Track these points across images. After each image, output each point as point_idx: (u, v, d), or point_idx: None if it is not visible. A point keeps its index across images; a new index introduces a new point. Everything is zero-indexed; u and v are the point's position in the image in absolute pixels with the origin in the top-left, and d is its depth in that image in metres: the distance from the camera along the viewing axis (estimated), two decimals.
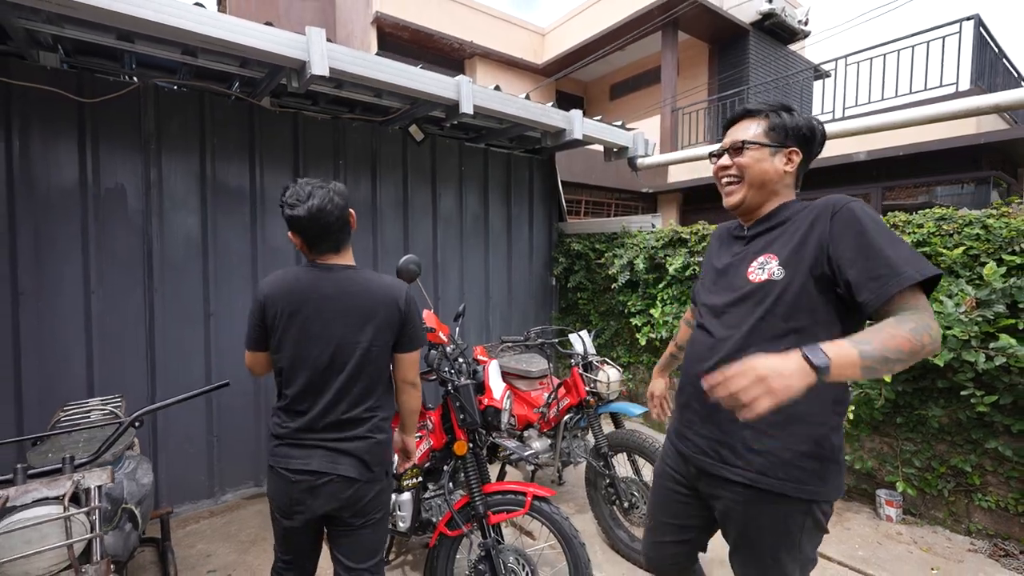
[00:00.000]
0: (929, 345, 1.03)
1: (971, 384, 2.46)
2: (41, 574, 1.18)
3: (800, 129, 1.31)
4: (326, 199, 1.45)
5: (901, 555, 2.59)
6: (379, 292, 1.52)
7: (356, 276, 1.55)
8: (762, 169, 1.31)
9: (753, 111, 1.37)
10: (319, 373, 1.47)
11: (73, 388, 2.76)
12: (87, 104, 2.81)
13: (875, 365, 0.99)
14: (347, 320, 1.48)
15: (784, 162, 1.31)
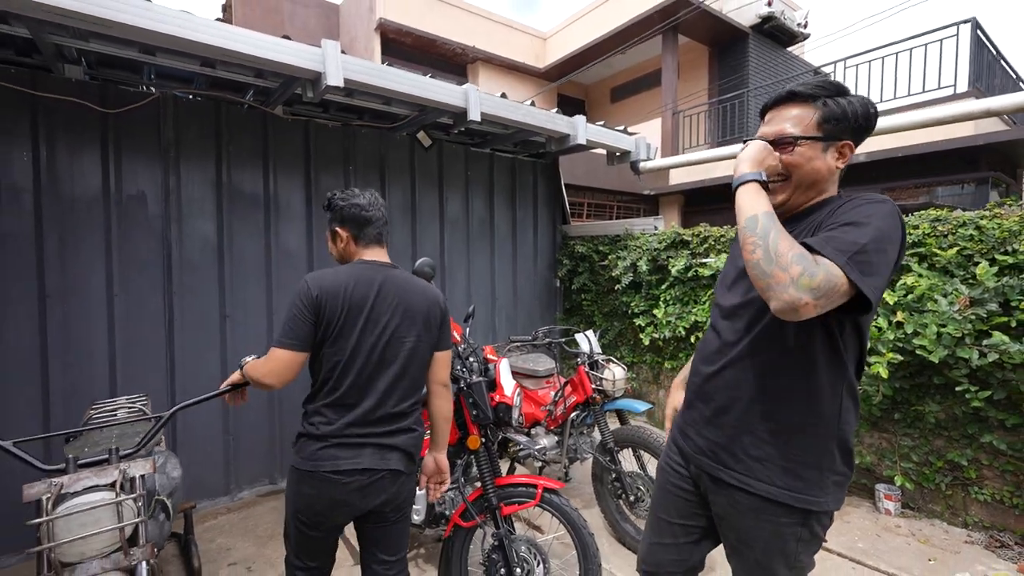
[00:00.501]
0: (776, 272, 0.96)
1: (965, 380, 2.55)
2: (94, 555, 1.28)
3: (857, 118, 1.13)
4: (374, 195, 1.68)
5: (899, 547, 2.67)
6: (428, 292, 1.64)
7: (407, 275, 1.66)
8: (814, 168, 1.14)
9: (804, 94, 1.17)
10: (373, 366, 1.50)
11: (97, 387, 2.86)
12: (110, 114, 2.92)
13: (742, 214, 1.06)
14: (404, 316, 1.55)
15: (836, 157, 1.15)
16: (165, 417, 1.58)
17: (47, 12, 2.02)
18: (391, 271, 1.61)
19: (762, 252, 0.98)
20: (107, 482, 1.34)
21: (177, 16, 2.26)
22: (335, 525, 1.54)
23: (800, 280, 0.94)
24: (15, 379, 2.67)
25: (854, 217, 1.04)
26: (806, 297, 0.94)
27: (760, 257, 0.98)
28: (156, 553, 1.43)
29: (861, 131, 1.15)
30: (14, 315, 2.68)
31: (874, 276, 0.98)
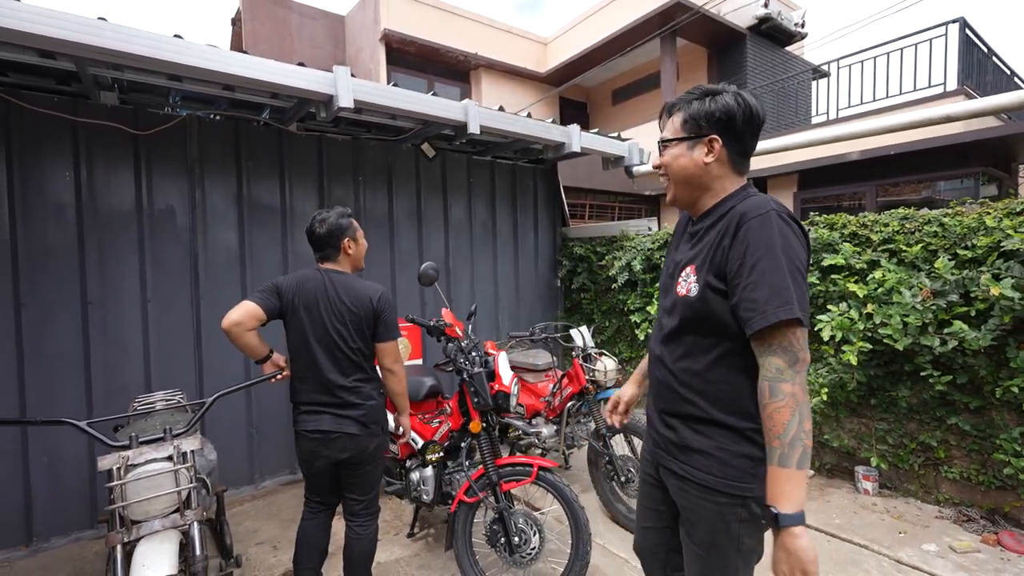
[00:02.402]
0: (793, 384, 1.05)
1: (929, 366, 2.75)
2: (156, 514, 1.54)
3: (713, 114, 1.20)
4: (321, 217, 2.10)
5: (873, 522, 2.88)
6: (359, 294, 2.01)
7: (344, 280, 2.05)
8: (680, 165, 1.26)
9: (672, 104, 1.30)
10: (315, 349, 1.99)
11: (133, 383, 3.15)
12: (141, 136, 3.21)
13: (802, 457, 1.03)
14: (336, 310, 1.99)
15: (705, 152, 1.23)
16: (208, 402, 1.85)
17: (96, 52, 2.30)
18: (336, 275, 2.06)
19: (797, 419, 1.05)
20: (164, 455, 1.60)
21: (204, 50, 2.53)
22: (320, 468, 2.06)
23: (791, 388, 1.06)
24: (62, 376, 2.97)
25: (740, 262, 1.11)
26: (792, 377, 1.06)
27: (804, 412, 1.06)
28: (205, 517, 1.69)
29: (728, 125, 1.21)
30: (60, 319, 2.97)
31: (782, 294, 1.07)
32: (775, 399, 1.05)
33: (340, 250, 2.10)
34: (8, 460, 2.82)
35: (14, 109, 2.86)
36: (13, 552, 2.83)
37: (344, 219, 2.11)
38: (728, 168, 1.25)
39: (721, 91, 1.23)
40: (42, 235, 2.94)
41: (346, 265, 2.14)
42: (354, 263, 2.17)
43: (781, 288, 1.06)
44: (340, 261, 2.12)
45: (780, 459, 1.03)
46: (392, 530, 3.01)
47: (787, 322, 1.05)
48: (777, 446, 1.04)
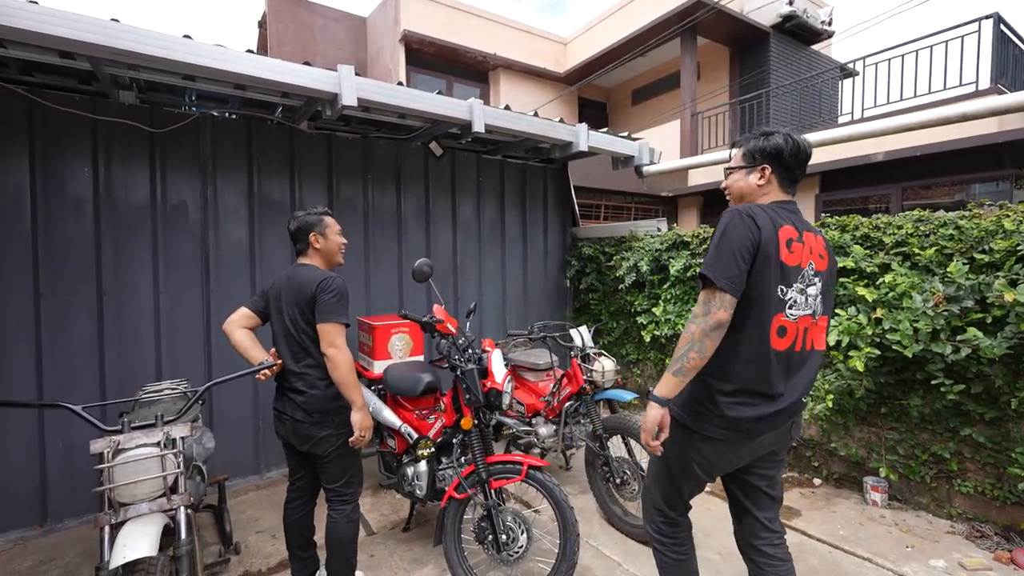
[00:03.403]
0: (697, 328, 1.47)
1: (941, 374, 2.64)
2: (143, 497, 1.59)
3: (766, 150, 1.61)
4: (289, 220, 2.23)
5: (880, 535, 2.77)
6: (305, 280, 2.07)
7: (301, 271, 2.13)
8: (739, 187, 1.69)
9: (736, 142, 1.75)
10: (278, 334, 2.17)
11: (145, 372, 3.25)
12: (156, 133, 3.32)
13: (676, 367, 1.50)
14: (287, 298, 2.11)
15: (758, 177, 1.63)
16: (200, 391, 1.89)
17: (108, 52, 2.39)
18: (299, 268, 2.16)
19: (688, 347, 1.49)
20: (154, 441, 1.65)
21: (212, 49, 2.61)
22: (287, 447, 2.22)
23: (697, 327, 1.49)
24: (78, 363, 3.09)
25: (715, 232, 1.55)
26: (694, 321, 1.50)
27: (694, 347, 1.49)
28: (192, 502, 1.73)
29: (775, 157, 1.61)
30: (78, 309, 3.09)
31: (707, 264, 1.49)
32: (684, 332, 1.51)
33: (308, 244, 2.18)
34: (25, 444, 2.95)
35: (37, 108, 2.99)
36: (28, 531, 2.96)
37: (312, 216, 2.19)
38: (777, 188, 1.64)
39: (775, 132, 1.62)
40: (61, 229, 3.06)
41: (316, 259, 2.21)
42: (325, 257, 2.23)
43: (708, 256, 1.51)
44: (310, 255, 2.20)
45: (669, 366, 1.53)
46: (389, 524, 3.04)
47: (704, 279, 1.49)
48: (673, 358, 1.52)
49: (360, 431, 2.07)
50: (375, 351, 3.23)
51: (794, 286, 1.51)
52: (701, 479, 1.69)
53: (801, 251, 1.52)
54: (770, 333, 1.49)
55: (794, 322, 1.52)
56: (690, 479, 1.70)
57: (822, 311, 1.61)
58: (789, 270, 1.49)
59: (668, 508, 1.78)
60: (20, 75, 2.96)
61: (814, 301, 1.57)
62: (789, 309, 1.51)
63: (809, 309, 1.55)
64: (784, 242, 1.49)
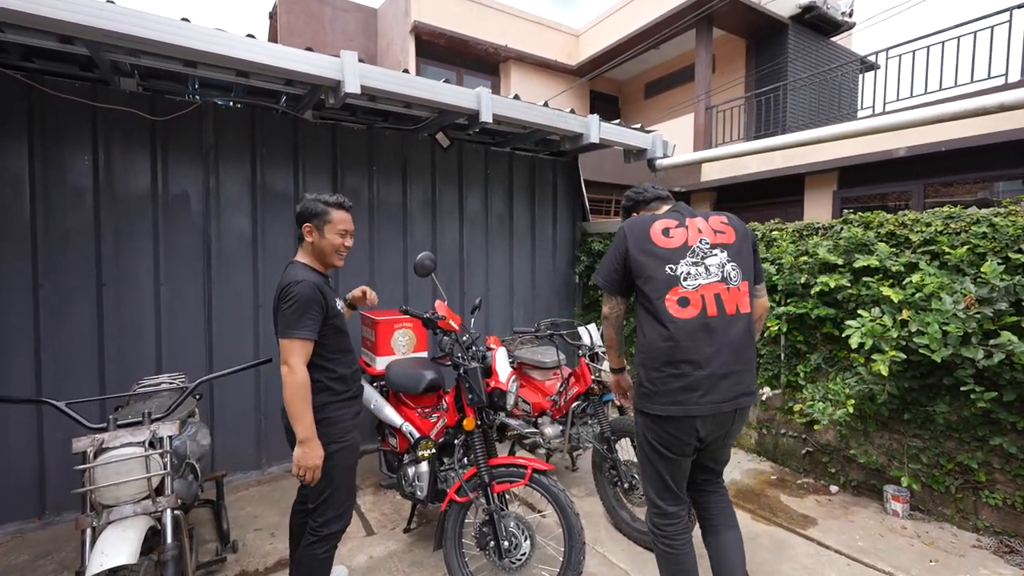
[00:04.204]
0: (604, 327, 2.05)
1: (971, 380, 2.49)
2: (127, 499, 1.51)
3: (626, 208, 2.21)
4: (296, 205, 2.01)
5: (901, 547, 2.64)
6: (280, 283, 1.83)
7: (286, 269, 1.90)
8: None
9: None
10: None
11: (144, 365, 3.20)
12: (158, 121, 3.25)
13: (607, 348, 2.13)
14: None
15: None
16: (190, 387, 1.82)
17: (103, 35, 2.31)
18: (287, 266, 1.92)
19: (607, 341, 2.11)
20: (139, 440, 1.58)
21: (211, 34, 2.52)
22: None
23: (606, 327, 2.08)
24: (77, 356, 3.04)
25: None
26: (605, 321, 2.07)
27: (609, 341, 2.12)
28: (181, 504, 1.66)
29: (634, 205, 2.16)
30: (77, 300, 3.04)
31: (599, 274, 1.98)
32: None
33: (301, 236, 1.93)
34: (24, 436, 2.92)
35: (36, 94, 2.94)
36: (26, 524, 2.92)
37: (317, 203, 1.91)
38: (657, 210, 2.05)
39: (629, 195, 2.19)
40: (61, 218, 3.01)
41: (306, 256, 1.94)
42: (316, 255, 1.94)
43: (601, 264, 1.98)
44: (302, 249, 1.95)
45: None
46: (390, 524, 2.97)
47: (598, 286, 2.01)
48: None
49: (298, 468, 1.72)
50: (378, 346, 3.15)
51: (681, 262, 1.75)
52: (668, 457, 1.82)
53: (683, 234, 1.79)
54: (667, 306, 1.72)
55: (695, 291, 1.73)
56: (660, 458, 1.84)
57: (741, 277, 1.79)
58: (671, 252, 1.76)
59: (658, 499, 1.91)
60: (21, 61, 2.90)
61: (720, 269, 1.76)
62: (684, 281, 1.74)
63: (715, 277, 1.75)
64: (659, 232, 1.80)
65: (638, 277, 1.79)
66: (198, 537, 2.78)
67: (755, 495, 3.26)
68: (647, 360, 1.78)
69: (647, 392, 1.78)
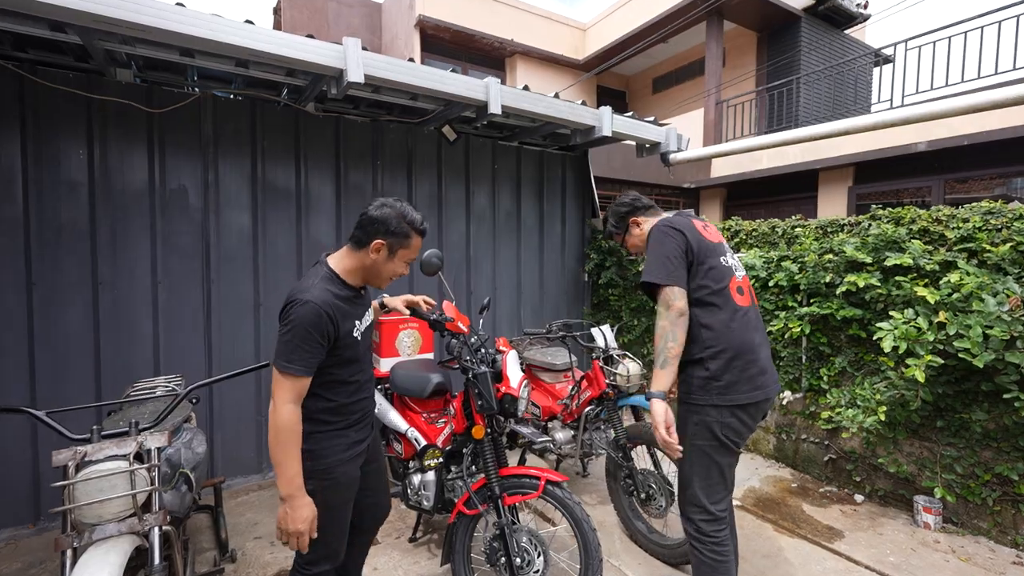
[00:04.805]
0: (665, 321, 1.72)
1: (1015, 387, 2.33)
2: (110, 518, 1.39)
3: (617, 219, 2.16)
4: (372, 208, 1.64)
5: (936, 563, 2.49)
6: (289, 294, 1.48)
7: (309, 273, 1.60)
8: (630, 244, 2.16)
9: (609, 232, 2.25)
10: None
11: (141, 366, 3.09)
12: (155, 114, 3.13)
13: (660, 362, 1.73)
14: None
15: (635, 228, 2.11)
16: (181, 395, 1.70)
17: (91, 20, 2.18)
18: (313, 267, 1.62)
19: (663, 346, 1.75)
20: (125, 452, 1.46)
21: (208, 20, 2.39)
22: None
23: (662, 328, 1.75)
24: (72, 356, 2.93)
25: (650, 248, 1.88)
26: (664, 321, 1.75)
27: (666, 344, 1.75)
28: (168, 520, 1.54)
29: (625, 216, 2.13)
30: (72, 299, 2.94)
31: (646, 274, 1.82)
32: (656, 331, 1.75)
33: (362, 244, 1.56)
34: (18, 441, 2.81)
35: (28, 85, 2.82)
36: (21, 529, 2.83)
37: (399, 220, 1.56)
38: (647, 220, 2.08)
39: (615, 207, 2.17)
40: (55, 214, 2.90)
41: (349, 263, 1.58)
42: (367, 273, 1.60)
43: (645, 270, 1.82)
44: (350, 254, 1.59)
45: (655, 363, 1.75)
46: (395, 532, 2.85)
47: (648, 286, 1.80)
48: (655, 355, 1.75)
49: (281, 533, 1.43)
50: (382, 348, 3.02)
51: (726, 255, 1.89)
52: (734, 450, 1.82)
53: (714, 233, 1.94)
54: (733, 294, 1.81)
55: (741, 281, 1.88)
56: (726, 452, 1.81)
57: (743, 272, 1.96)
58: (717, 245, 1.87)
59: (709, 502, 1.82)
60: (14, 51, 2.79)
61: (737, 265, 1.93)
62: (736, 272, 1.87)
63: (740, 271, 1.92)
64: (700, 228, 1.89)
65: (702, 266, 1.79)
66: (195, 546, 2.68)
67: (776, 504, 3.12)
68: (718, 352, 1.75)
69: (725, 383, 1.74)
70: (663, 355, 1.72)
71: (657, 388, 1.72)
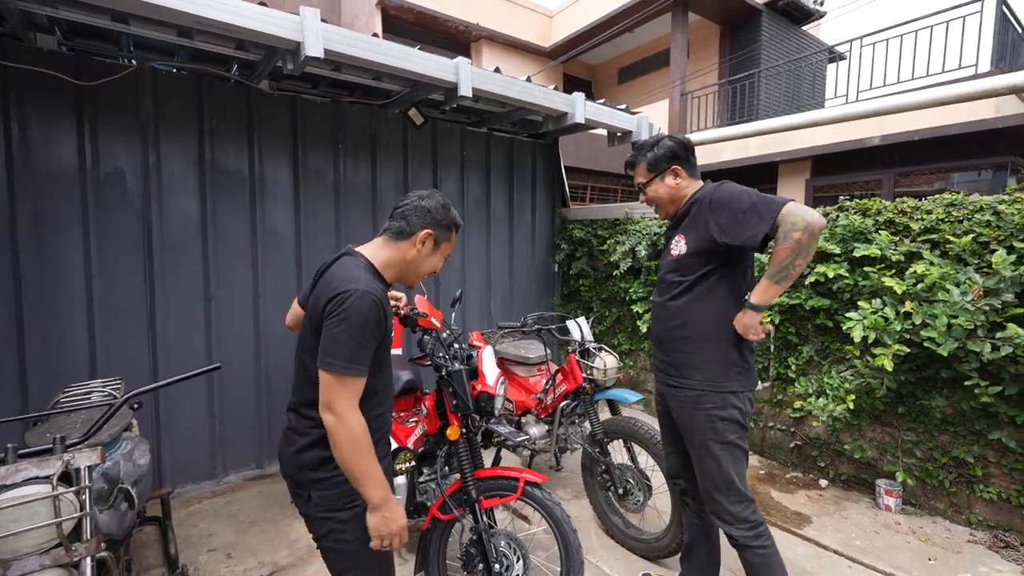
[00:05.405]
0: (802, 234, 1.51)
1: (975, 374, 2.42)
2: (31, 551, 1.20)
3: (667, 155, 1.81)
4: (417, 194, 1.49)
5: (898, 545, 2.58)
6: (331, 283, 1.30)
7: (343, 263, 1.37)
8: (659, 194, 1.85)
9: (631, 162, 1.92)
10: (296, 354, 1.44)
11: (75, 370, 2.80)
12: (85, 87, 2.80)
13: (779, 276, 1.58)
14: (313, 299, 1.35)
15: (673, 178, 1.82)
16: (116, 404, 1.50)
17: None
18: (342, 257, 1.40)
19: (795, 255, 1.56)
20: (48, 474, 1.26)
21: None
22: None
23: (805, 227, 1.52)
24: None
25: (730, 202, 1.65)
26: (802, 219, 1.53)
27: (803, 251, 1.55)
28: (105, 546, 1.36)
29: (679, 156, 1.82)
30: None
31: (763, 200, 1.62)
32: (784, 243, 1.54)
33: (406, 235, 1.41)
34: None
35: None
36: None
37: (447, 211, 1.47)
38: (688, 180, 1.84)
39: (662, 140, 1.85)
40: None
41: (387, 255, 1.41)
42: (406, 267, 1.45)
43: (753, 201, 1.61)
44: (388, 244, 1.42)
45: (769, 275, 1.61)
46: None
47: (772, 205, 1.58)
48: (772, 268, 1.59)
49: (379, 538, 1.28)
50: None
51: None
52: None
53: None
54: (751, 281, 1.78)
55: None
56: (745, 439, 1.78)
57: None
58: None
59: (746, 490, 1.76)
60: None
61: None
62: None
63: None
64: None
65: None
66: (141, 563, 2.45)
67: None
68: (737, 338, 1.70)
69: (745, 368, 1.73)
70: (786, 271, 1.56)
71: (761, 301, 1.63)
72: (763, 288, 1.63)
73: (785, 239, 1.53)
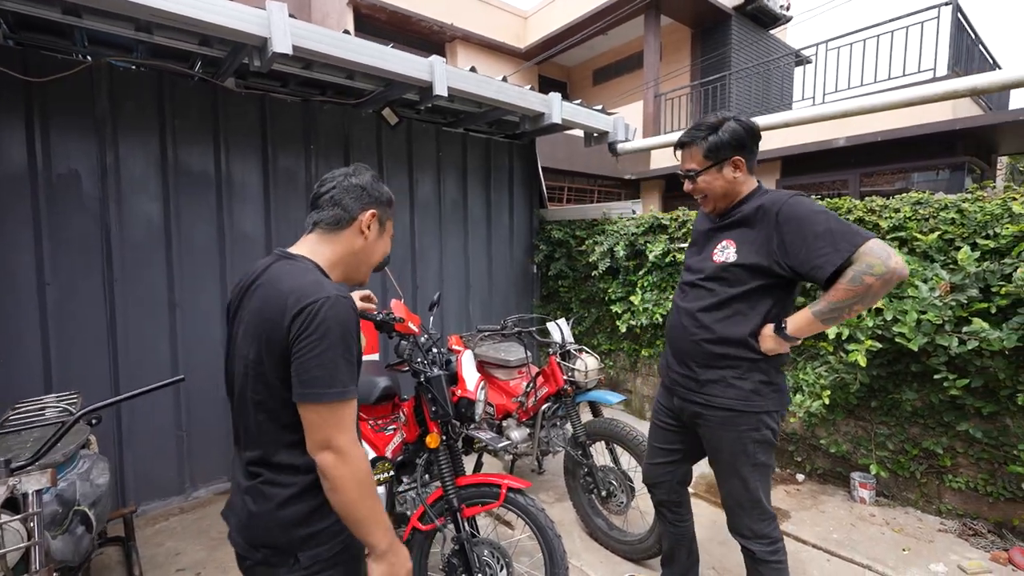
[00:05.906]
0: (876, 281, 1.33)
1: (944, 368, 2.48)
2: None
3: (736, 139, 1.56)
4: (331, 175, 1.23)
5: (874, 536, 2.63)
6: (279, 294, 1.03)
7: (283, 270, 1.10)
8: (715, 186, 1.62)
9: (686, 142, 1.65)
10: (234, 391, 1.14)
11: (29, 385, 2.63)
12: (34, 84, 2.64)
13: (828, 316, 1.44)
14: (248, 324, 1.08)
15: (733, 170, 1.59)
16: (69, 423, 1.40)
17: None
18: (277, 264, 1.12)
19: (857, 300, 1.40)
20: None
21: None
22: None
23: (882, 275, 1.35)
24: None
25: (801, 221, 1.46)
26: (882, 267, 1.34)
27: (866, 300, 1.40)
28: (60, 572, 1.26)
29: (744, 145, 1.58)
30: None
31: (846, 229, 1.43)
32: (850, 284, 1.37)
33: (345, 223, 1.17)
34: None
35: None
36: None
37: (379, 184, 1.24)
38: (746, 175, 1.61)
39: (722, 124, 1.57)
40: None
41: (330, 253, 1.17)
42: (356, 261, 1.22)
43: (838, 228, 1.41)
44: (329, 240, 1.18)
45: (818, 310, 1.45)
46: None
47: (855, 236, 1.39)
48: (823, 305, 1.43)
49: None
50: None
51: None
52: None
53: None
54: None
55: None
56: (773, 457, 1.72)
57: None
58: None
59: (770, 507, 1.69)
60: None
61: None
62: None
63: None
64: None
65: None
66: None
67: None
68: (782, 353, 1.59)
69: (778, 387, 1.63)
70: (839, 314, 1.40)
71: (796, 333, 1.49)
72: (806, 322, 1.47)
73: (853, 280, 1.34)
